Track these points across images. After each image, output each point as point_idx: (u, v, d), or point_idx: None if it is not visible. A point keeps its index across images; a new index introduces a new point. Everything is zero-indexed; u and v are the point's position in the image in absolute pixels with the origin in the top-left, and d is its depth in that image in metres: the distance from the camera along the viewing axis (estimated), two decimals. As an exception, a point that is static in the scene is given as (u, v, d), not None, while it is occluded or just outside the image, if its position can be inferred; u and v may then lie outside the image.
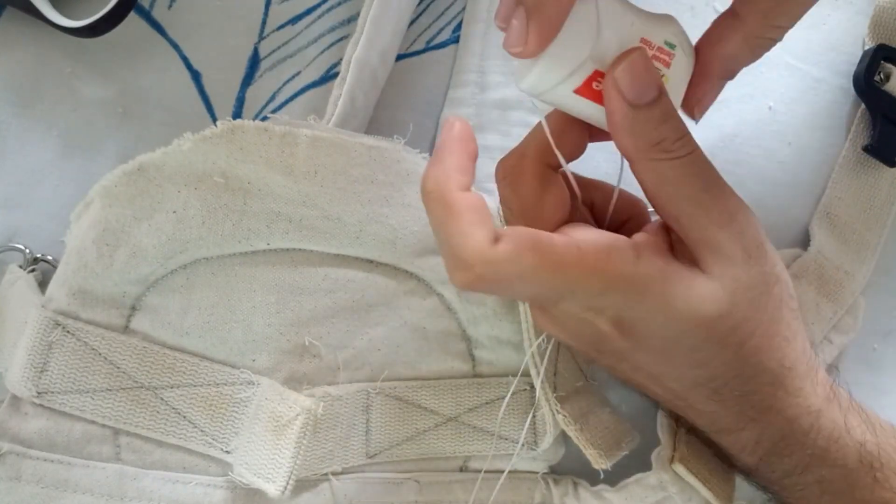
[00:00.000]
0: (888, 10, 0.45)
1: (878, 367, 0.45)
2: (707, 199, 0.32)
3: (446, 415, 0.40)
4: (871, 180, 0.45)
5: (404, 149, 0.39)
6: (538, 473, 0.41)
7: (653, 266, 0.32)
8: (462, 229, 0.31)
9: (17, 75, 0.40)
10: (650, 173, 0.33)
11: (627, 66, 0.30)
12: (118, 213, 0.37)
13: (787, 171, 0.45)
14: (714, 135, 0.44)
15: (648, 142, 0.32)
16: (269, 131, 0.37)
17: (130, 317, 0.38)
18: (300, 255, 0.39)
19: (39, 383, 0.36)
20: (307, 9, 0.42)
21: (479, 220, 0.31)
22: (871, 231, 0.44)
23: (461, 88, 0.42)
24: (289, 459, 0.36)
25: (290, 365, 0.39)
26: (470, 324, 0.40)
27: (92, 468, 0.37)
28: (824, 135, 0.45)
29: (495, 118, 0.41)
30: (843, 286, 0.44)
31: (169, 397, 0.38)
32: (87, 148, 0.40)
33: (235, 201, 0.37)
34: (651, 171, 0.33)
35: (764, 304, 0.33)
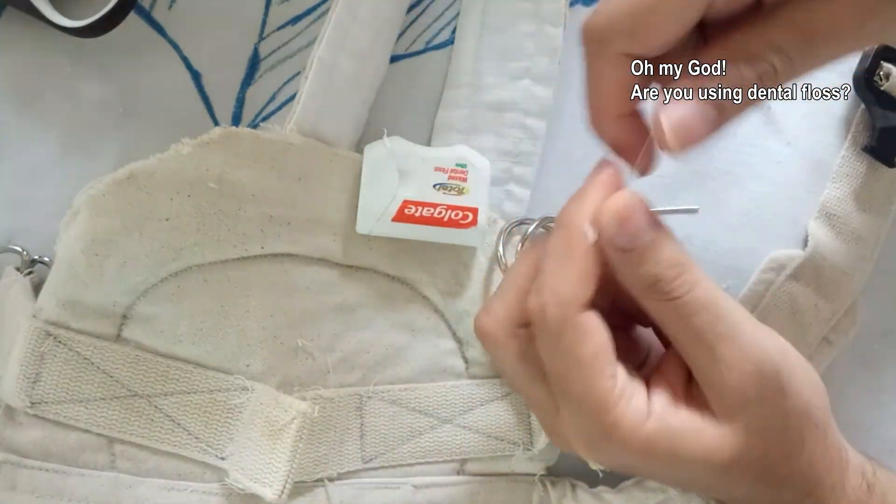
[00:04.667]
0: (889, 10, 0.44)
1: (878, 366, 0.44)
2: (713, 339, 0.30)
3: (441, 417, 0.39)
4: (870, 180, 0.43)
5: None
6: (535, 475, 0.40)
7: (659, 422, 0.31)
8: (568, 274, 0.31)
9: (17, 75, 0.38)
10: (653, 312, 0.32)
11: (614, 215, 0.30)
12: (107, 223, 0.35)
13: (787, 171, 0.43)
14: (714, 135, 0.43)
15: (644, 284, 0.31)
16: (261, 138, 0.36)
17: (122, 326, 0.36)
18: (290, 257, 0.37)
19: (33, 394, 0.35)
20: (307, 9, 0.40)
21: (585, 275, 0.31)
22: (871, 232, 0.43)
23: (455, 90, 0.40)
24: (285, 464, 0.35)
25: (283, 368, 0.37)
26: (457, 323, 0.39)
27: (87, 477, 0.36)
28: (824, 135, 0.43)
29: (490, 119, 0.39)
30: (842, 287, 0.42)
31: (163, 405, 0.36)
32: (87, 148, 0.39)
33: (230, 207, 0.36)
34: (652, 311, 0.32)
35: (781, 440, 0.31)
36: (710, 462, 0.30)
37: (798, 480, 0.32)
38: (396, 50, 0.40)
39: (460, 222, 0.37)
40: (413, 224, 0.37)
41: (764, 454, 0.31)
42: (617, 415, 0.30)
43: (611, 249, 0.31)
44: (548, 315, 0.31)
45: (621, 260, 0.31)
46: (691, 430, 0.31)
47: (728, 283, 0.42)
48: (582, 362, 0.30)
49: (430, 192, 0.37)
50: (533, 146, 0.40)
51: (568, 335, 0.30)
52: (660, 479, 0.33)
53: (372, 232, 0.37)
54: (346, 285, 0.38)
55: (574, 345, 0.30)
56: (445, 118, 0.40)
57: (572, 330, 0.30)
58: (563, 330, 0.31)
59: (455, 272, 0.39)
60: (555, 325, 0.31)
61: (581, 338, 0.30)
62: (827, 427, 0.33)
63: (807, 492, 0.32)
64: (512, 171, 0.40)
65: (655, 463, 0.31)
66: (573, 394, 0.31)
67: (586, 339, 0.30)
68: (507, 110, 0.40)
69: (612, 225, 0.30)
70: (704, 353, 0.31)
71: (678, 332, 0.31)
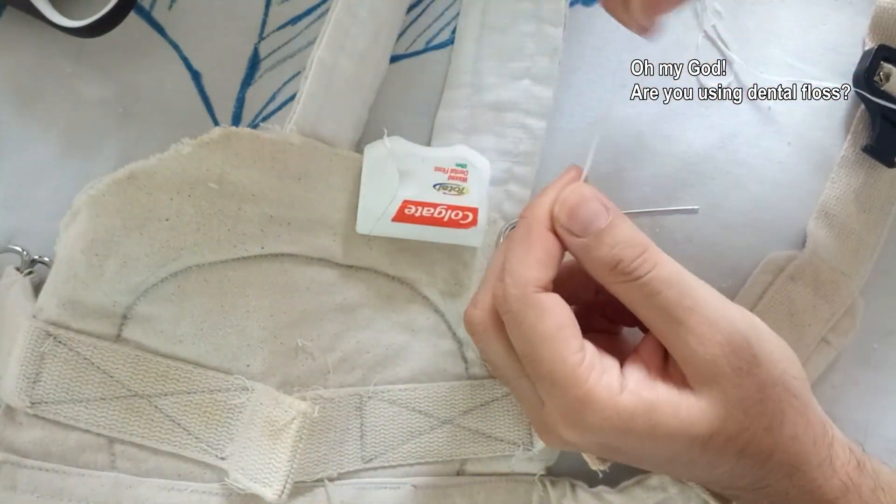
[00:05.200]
0: (888, 11, 0.43)
1: (878, 366, 0.43)
2: (681, 313, 0.31)
3: (441, 418, 0.39)
4: (870, 181, 0.42)
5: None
6: (535, 475, 0.40)
7: (635, 396, 0.31)
8: (526, 259, 0.33)
9: (17, 75, 0.38)
10: (621, 294, 0.32)
11: (563, 204, 0.33)
12: (107, 223, 0.35)
13: (787, 171, 0.43)
14: (714, 135, 0.42)
15: (606, 266, 0.32)
16: (261, 138, 0.36)
17: (122, 326, 0.36)
18: (290, 257, 0.37)
19: (33, 394, 0.35)
20: (307, 9, 0.40)
21: (543, 260, 0.33)
22: (870, 232, 0.43)
23: (455, 90, 0.40)
24: (285, 464, 0.35)
25: (284, 368, 0.37)
26: (457, 324, 0.39)
27: (87, 477, 0.36)
28: (824, 135, 0.43)
29: (490, 120, 0.39)
30: (840, 287, 0.42)
31: (163, 405, 0.36)
32: (87, 148, 0.38)
33: (230, 207, 0.36)
34: (620, 293, 0.32)
35: (761, 412, 0.31)
36: (689, 434, 0.31)
37: (783, 456, 0.32)
38: (396, 50, 0.40)
39: (460, 222, 0.37)
40: (413, 224, 0.37)
41: (744, 427, 0.31)
42: (589, 387, 0.31)
43: (568, 239, 0.33)
44: (508, 297, 0.32)
45: (580, 248, 0.33)
46: (668, 403, 0.31)
47: (728, 283, 0.42)
48: (545, 338, 0.31)
49: (430, 192, 0.37)
50: (533, 146, 0.40)
51: (528, 314, 0.31)
52: (641, 458, 0.33)
53: (372, 232, 0.37)
54: (346, 285, 0.38)
55: (535, 322, 0.31)
56: (445, 118, 0.40)
57: (531, 308, 0.31)
58: (522, 309, 0.32)
59: (455, 272, 0.39)
60: (515, 306, 0.32)
61: (541, 314, 0.31)
62: (807, 400, 0.33)
63: (794, 467, 0.32)
64: (512, 171, 0.40)
65: (634, 438, 0.31)
66: (543, 372, 0.31)
67: (546, 316, 0.31)
68: (507, 110, 0.40)
69: (562, 214, 0.33)
70: (674, 329, 0.31)
71: (647, 310, 0.32)
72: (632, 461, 0.34)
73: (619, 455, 0.33)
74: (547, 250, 0.33)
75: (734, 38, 0.43)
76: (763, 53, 0.43)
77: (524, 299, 0.32)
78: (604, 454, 0.35)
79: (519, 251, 0.33)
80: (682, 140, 0.42)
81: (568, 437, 0.32)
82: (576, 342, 0.31)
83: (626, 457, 0.33)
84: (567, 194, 0.33)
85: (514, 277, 0.32)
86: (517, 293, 0.32)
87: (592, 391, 0.31)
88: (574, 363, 0.31)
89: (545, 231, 0.33)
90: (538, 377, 0.32)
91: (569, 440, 0.32)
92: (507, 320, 0.33)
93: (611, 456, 0.34)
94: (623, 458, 0.33)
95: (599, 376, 0.31)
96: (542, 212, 0.34)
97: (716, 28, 0.43)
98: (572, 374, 0.31)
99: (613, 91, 0.41)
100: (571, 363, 0.31)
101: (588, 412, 0.31)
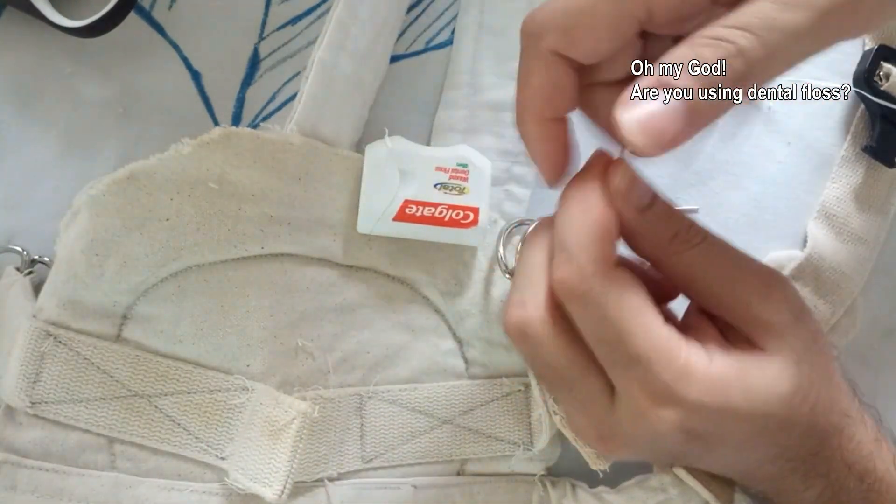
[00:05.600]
0: (889, 11, 0.44)
1: (878, 366, 0.43)
2: (741, 274, 0.31)
3: (441, 418, 0.39)
4: (870, 181, 0.42)
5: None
6: (535, 476, 0.40)
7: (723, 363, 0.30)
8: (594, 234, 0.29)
9: (17, 75, 0.38)
10: (679, 266, 0.31)
11: (622, 176, 0.30)
12: (107, 223, 0.35)
13: (787, 171, 0.43)
14: (714, 135, 0.43)
15: (666, 237, 0.31)
16: (262, 138, 0.36)
17: (122, 326, 0.36)
18: (290, 257, 0.37)
19: (33, 394, 0.35)
20: (307, 9, 0.40)
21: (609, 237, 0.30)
22: (870, 232, 0.42)
23: (454, 90, 0.40)
24: (285, 464, 0.35)
25: (284, 368, 0.37)
26: (457, 324, 0.39)
27: (87, 477, 0.36)
28: (824, 135, 0.43)
29: (488, 120, 0.39)
30: (840, 287, 0.42)
31: (163, 405, 0.36)
32: (87, 148, 0.39)
33: (230, 207, 0.36)
34: (679, 264, 0.31)
35: (819, 363, 0.31)
36: (778, 395, 0.30)
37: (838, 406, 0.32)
38: (396, 50, 0.40)
39: (461, 222, 0.37)
40: (414, 224, 0.37)
41: (811, 380, 0.31)
42: (685, 360, 0.29)
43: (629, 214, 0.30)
44: (585, 276, 0.29)
45: (640, 221, 0.30)
46: (754, 366, 0.30)
47: (728, 284, 0.42)
48: (635, 313, 0.29)
49: (430, 192, 0.37)
50: (533, 146, 0.40)
51: (612, 291, 0.29)
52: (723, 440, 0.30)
53: (372, 231, 0.37)
54: (346, 285, 0.38)
55: (621, 298, 0.29)
56: (445, 118, 0.40)
57: (614, 284, 0.29)
58: (604, 287, 0.29)
59: (455, 272, 0.39)
60: (594, 285, 0.29)
61: (625, 289, 0.29)
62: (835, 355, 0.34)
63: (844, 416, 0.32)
64: (512, 171, 0.40)
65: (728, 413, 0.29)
66: (636, 352, 0.29)
67: (631, 291, 0.29)
68: (506, 110, 0.40)
69: (622, 185, 0.30)
70: (735, 291, 0.31)
71: (704, 278, 0.31)
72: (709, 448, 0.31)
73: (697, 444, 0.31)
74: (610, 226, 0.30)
75: (734, 38, 0.43)
76: (763, 53, 0.43)
77: (604, 276, 0.29)
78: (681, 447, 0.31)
79: (580, 228, 0.29)
80: (681, 140, 0.42)
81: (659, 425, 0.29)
82: (661, 316, 0.30)
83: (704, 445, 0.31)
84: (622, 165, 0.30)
85: (586, 255, 0.29)
86: (594, 270, 0.29)
87: (689, 363, 0.29)
88: (667, 336, 0.29)
89: (604, 205, 0.30)
90: (627, 361, 0.29)
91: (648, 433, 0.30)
92: (583, 305, 0.30)
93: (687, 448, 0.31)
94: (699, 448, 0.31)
95: (690, 348, 0.29)
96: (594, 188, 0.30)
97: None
98: (667, 347, 0.29)
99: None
100: (665, 336, 0.29)
101: (688, 386, 0.29)
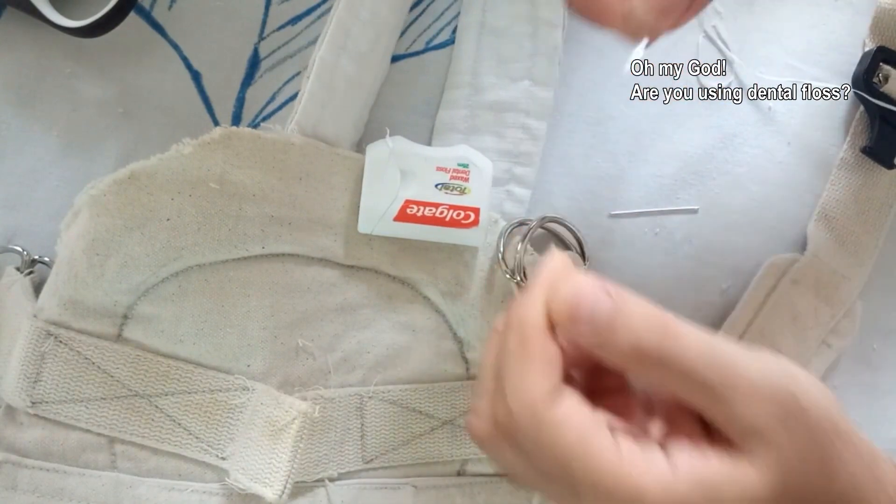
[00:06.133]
0: (888, 12, 0.43)
1: (878, 367, 0.44)
2: (720, 384, 0.28)
3: (441, 418, 0.39)
4: (869, 182, 0.43)
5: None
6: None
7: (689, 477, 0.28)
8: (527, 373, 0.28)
9: (17, 75, 0.38)
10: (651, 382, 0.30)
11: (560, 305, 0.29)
12: (108, 223, 0.35)
13: (787, 172, 0.43)
14: (714, 135, 0.42)
15: (627, 357, 0.29)
16: (262, 138, 0.36)
17: (123, 326, 0.36)
18: (291, 257, 0.37)
19: (33, 393, 0.35)
20: (307, 9, 0.40)
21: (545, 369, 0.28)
22: (869, 234, 0.42)
23: (455, 90, 0.40)
24: (286, 464, 0.35)
25: (284, 368, 0.37)
26: (458, 324, 0.39)
27: (88, 476, 0.36)
28: (823, 135, 0.43)
29: (490, 120, 0.39)
30: (840, 289, 0.42)
31: (164, 405, 0.36)
32: (87, 148, 0.38)
33: (231, 207, 0.36)
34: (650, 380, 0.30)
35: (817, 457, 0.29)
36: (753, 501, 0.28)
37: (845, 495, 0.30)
38: (396, 50, 0.40)
39: (462, 222, 0.37)
40: (415, 224, 0.37)
41: (805, 478, 0.29)
42: (636, 482, 0.27)
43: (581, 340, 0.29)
44: (516, 421, 0.29)
45: (594, 344, 0.29)
46: (727, 477, 0.28)
47: (728, 284, 0.42)
48: (571, 452, 0.28)
49: (431, 192, 0.37)
50: (533, 147, 0.40)
51: (544, 434, 0.28)
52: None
53: (373, 232, 0.37)
54: (347, 285, 0.38)
55: (555, 440, 0.28)
56: (446, 118, 0.40)
57: (546, 427, 0.28)
58: (536, 431, 0.28)
59: (456, 273, 0.39)
60: (527, 429, 0.28)
61: (558, 430, 0.28)
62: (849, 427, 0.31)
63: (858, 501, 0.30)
64: (513, 172, 0.40)
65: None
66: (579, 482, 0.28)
67: (565, 430, 0.28)
68: (508, 111, 0.40)
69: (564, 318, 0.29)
70: (715, 401, 0.28)
71: (682, 390, 0.29)
72: None
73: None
74: (548, 357, 0.29)
75: (734, 38, 0.43)
76: (763, 53, 0.43)
77: (535, 421, 0.28)
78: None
79: (516, 365, 0.29)
80: (682, 140, 0.42)
81: None
82: (605, 440, 0.28)
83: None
84: (562, 293, 0.29)
85: (518, 397, 0.28)
86: (525, 414, 0.28)
87: (642, 486, 0.27)
88: (612, 462, 0.28)
89: (541, 336, 0.29)
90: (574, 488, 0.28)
91: None
92: (521, 444, 0.29)
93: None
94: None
95: (646, 467, 0.28)
96: (533, 314, 0.30)
97: (716, 28, 0.43)
98: (613, 474, 0.27)
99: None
100: (609, 463, 0.28)
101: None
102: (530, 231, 0.39)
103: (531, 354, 0.29)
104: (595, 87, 0.42)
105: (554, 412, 0.28)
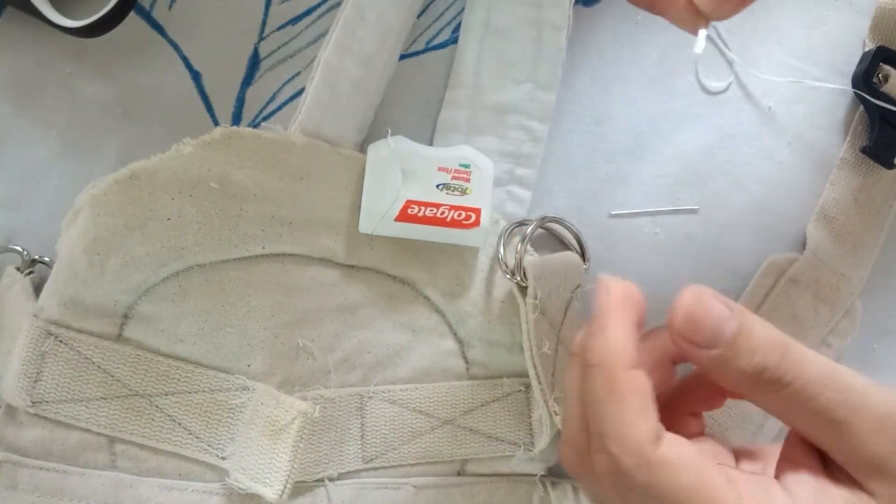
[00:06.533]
0: (888, 12, 0.43)
1: (878, 367, 0.43)
2: (845, 414, 0.26)
3: (441, 418, 0.39)
4: (869, 182, 0.43)
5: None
6: (536, 476, 0.40)
7: None
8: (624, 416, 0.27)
9: (17, 75, 0.38)
10: (766, 407, 0.28)
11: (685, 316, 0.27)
12: (108, 223, 0.35)
13: (787, 172, 0.43)
14: (714, 135, 0.42)
15: (748, 379, 0.27)
16: (263, 137, 0.36)
17: (123, 325, 0.36)
18: (291, 257, 0.37)
19: (34, 393, 0.35)
20: (307, 9, 0.40)
21: (643, 408, 0.27)
22: (869, 233, 0.42)
23: (457, 90, 0.40)
24: (286, 463, 0.35)
25: (284, 368, 0.37)
26: (458, 324, 0.39)
27: (88, 476, 0.36)
28: (823, 135, 0.43)
29: (491, 121, 0.39)
30: (840, 289, 0.42)
31: (164, 404, 0.36)
32: (87, 148, 0.38)
33: (232, 206, 0.36)
34: (765, 405, 0.28)
35: None
36: None
37: None
38: (397, 50, 0.40)
39: (463, 223, 0.37)
40: (416, 224, 0.37)
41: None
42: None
43: (696, 355, 0.28)
44: (626, 470, 0.27)
45: (712, 360, 0.27)
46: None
47: (727, 284, 0.42)
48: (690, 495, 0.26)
49: (433, 192, 0.37)
50: (535, 148, 0.40)
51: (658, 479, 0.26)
52: None
53: (374, 232, 0.37)
54: (347, 285, 0.38)
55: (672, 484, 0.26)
56: (447, 118, 0.40)
57: (659, 471, 0.26)
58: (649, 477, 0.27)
59: (457, 273, 0.39)
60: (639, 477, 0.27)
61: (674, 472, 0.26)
62: None
63: None
64: (514, 173, 0.40)
65: None
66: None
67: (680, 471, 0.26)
68: (509, 112, 0.40)
69: (684, 324, 0.27)
70: (838, 433, 0.27)
71: (802, 419, 0.28)
72: None
73: None
74: (642, 394, 0.27)
75: (734, 38, 0.43)
76: (763, 53, 0.43)
77: (643, 464, 0.26)
78: None
79: (611, 408, 0.27)
80: (682, 140, 0.42)
81: None
82: (720, 478, 0.26)
83: None
84: (683, 300, 0.28)
85: (621, 442, 0.27)
86: (631, 460, 0.27)
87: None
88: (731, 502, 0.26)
89: (629, 372, 0.27)
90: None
91: None
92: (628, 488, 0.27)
93: None
94: None
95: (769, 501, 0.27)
96: (616, 351, 0.28)
97: (716, 28, 0.43)
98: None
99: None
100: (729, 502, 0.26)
101: None
102: (530, 231, 0.39)
103: (623, 396, 0.27)
104: (595, 87, 0.42)
105: (661, 453, 0.27)
